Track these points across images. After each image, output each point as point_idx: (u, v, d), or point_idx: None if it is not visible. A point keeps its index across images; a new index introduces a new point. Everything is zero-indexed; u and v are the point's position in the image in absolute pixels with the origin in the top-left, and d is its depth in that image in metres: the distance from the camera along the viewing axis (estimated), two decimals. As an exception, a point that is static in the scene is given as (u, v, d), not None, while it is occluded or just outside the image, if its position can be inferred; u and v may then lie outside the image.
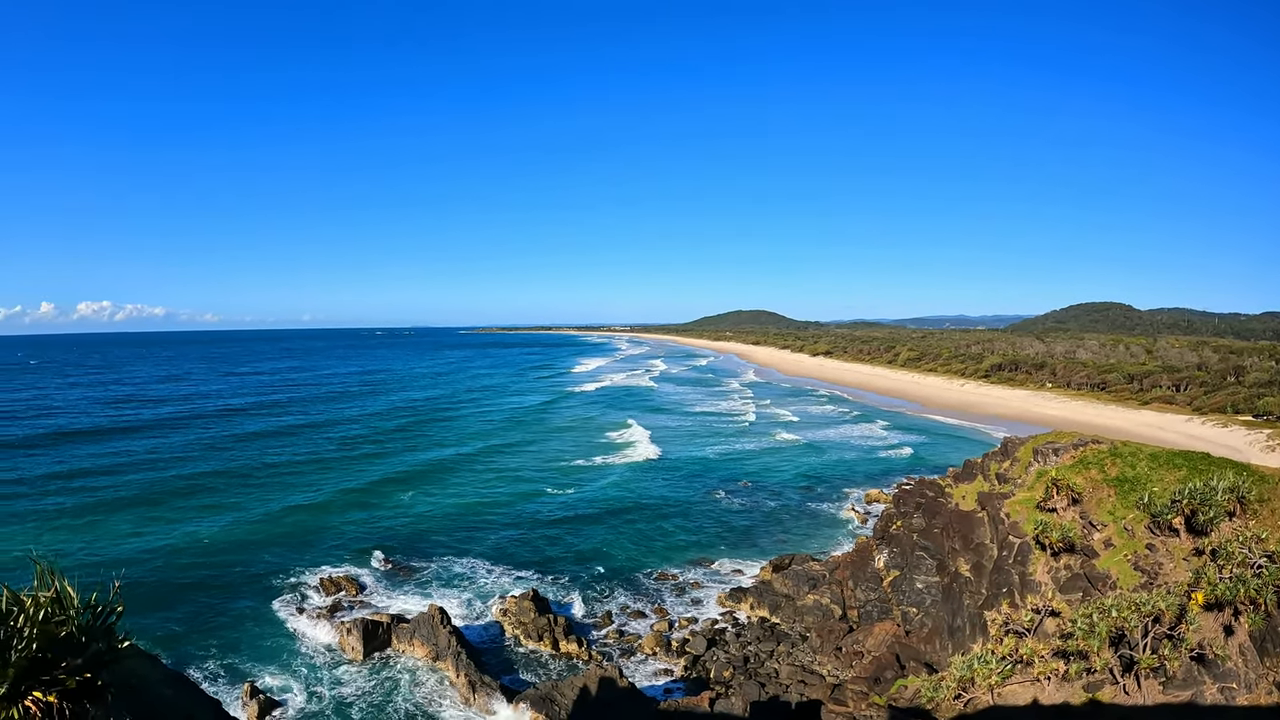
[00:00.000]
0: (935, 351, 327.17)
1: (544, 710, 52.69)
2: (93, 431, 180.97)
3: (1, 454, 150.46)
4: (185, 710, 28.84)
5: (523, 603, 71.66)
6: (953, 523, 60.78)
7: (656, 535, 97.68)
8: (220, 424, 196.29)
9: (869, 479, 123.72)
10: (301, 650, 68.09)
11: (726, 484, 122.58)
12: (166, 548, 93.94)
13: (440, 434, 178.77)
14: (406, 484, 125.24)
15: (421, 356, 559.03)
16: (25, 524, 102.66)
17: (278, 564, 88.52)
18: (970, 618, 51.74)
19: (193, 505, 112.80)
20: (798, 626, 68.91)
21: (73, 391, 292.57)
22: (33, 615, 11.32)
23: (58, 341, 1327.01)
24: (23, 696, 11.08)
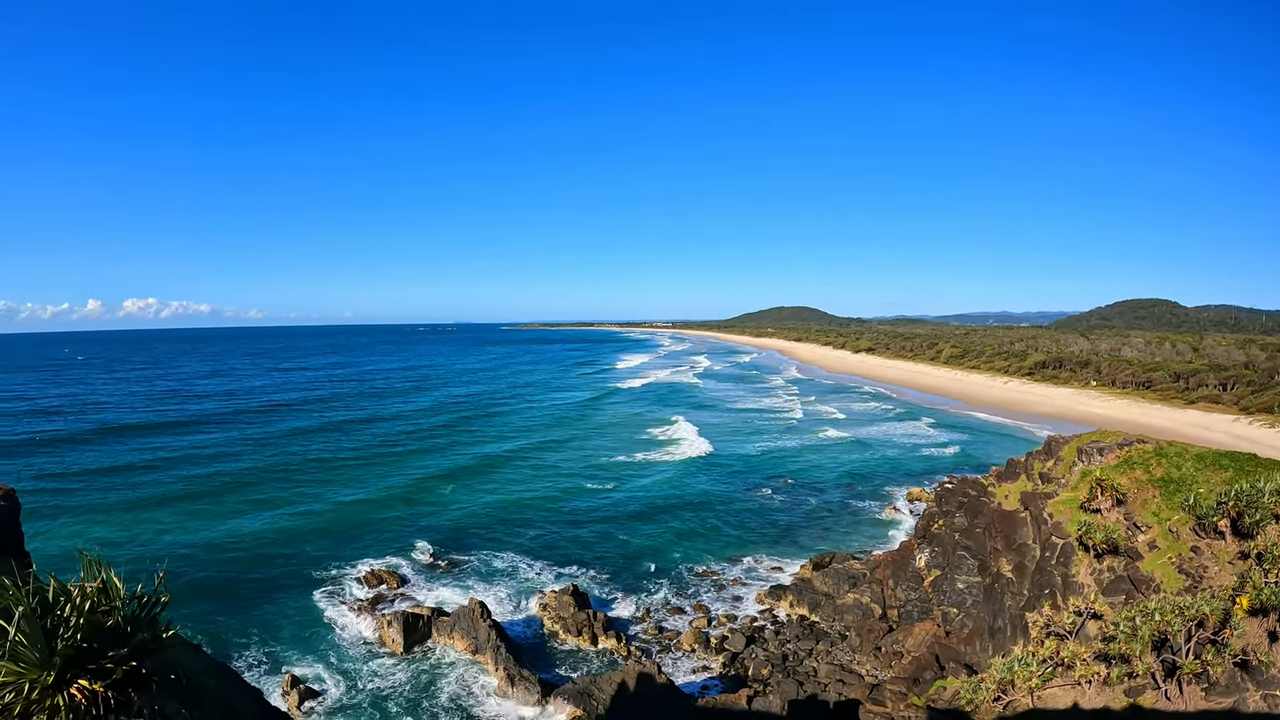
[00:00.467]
0: (978, 348, 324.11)
1: (582, 705, 52.83)
2: (138, 426, 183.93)
3: (50, 449, 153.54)
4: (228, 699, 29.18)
5: (562, 597, 71.86)
6: (995, 522, 60.21)
7: (697, 532, 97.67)
8: (264, 419, 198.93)
9: (911, 477, 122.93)
10: (342, 642, 68.77)
11: (769, 481, 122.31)
12: (210, 540, 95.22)
13: (484, 430, 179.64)
14: (449, 479, 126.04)
15: (465, 352, 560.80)
16: (73, 517, 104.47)
17: (320, 557, 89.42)
18: (1011, 619, 51.30)
19: (236, 500, 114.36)
20: (837, 625, 68.61)
21: (118, 387, 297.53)
22: (79, 605, 11.50)
23: (104, 338, 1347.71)
24: (68, 684, 11.25)
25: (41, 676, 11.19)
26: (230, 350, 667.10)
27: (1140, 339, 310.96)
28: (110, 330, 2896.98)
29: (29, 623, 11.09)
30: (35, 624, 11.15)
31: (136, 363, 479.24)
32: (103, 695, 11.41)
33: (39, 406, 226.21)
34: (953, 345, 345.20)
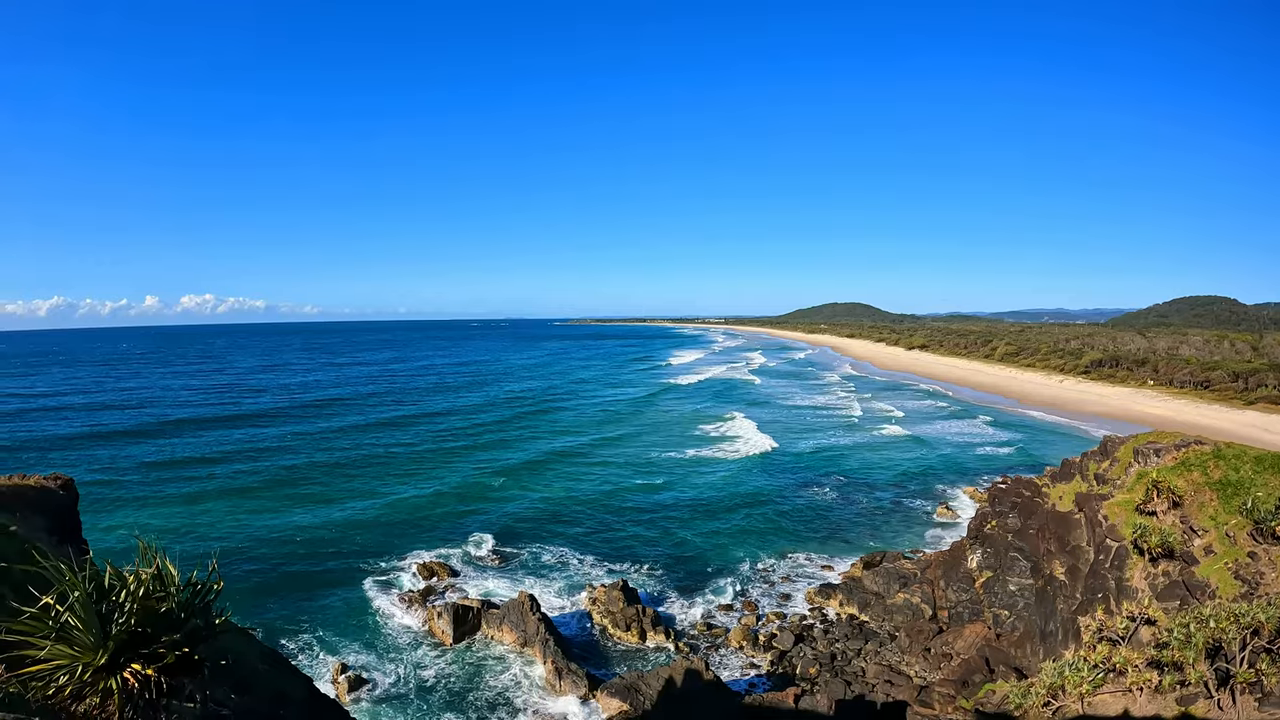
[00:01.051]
0: (1033, 346, 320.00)
1: (628, 700, 52.96)
2: (194, 421, 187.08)
3: (108, 442, 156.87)
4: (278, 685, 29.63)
5: (612, 592, 72.09)
6: (1049, 524, 59.53)
7: (749, 529, 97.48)
8: (318, 414, 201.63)
9: (964, 476, 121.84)
10: (392, 632, 69.57)
11: (822, 478, 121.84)
12: (263, 532, 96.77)
13: (539, 426, 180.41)
14: (502, 474, 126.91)
15: (519, 348, 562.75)
16: (129, 507, 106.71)
17: (371, 549, 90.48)
18: (1063, 623, 50.70)
19: (290, 492, 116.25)
20: (886, 625, 68.22)
21: (175, 381, 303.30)
22: (134, 591, 11.76)
23: (161, 333, 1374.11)
24: (121, 668, 11.51)
25: (95, 659, 11.46)
26: (285, 345, 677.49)
27: (1198, 337, 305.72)
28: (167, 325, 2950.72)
29: (84, 607, 11.36)
30: (90, 608, 11.42)
31: (192, 357, 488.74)
32: (155, 679, 11.65)
33: (98, 400, 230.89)
34: (1007, 343, 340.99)
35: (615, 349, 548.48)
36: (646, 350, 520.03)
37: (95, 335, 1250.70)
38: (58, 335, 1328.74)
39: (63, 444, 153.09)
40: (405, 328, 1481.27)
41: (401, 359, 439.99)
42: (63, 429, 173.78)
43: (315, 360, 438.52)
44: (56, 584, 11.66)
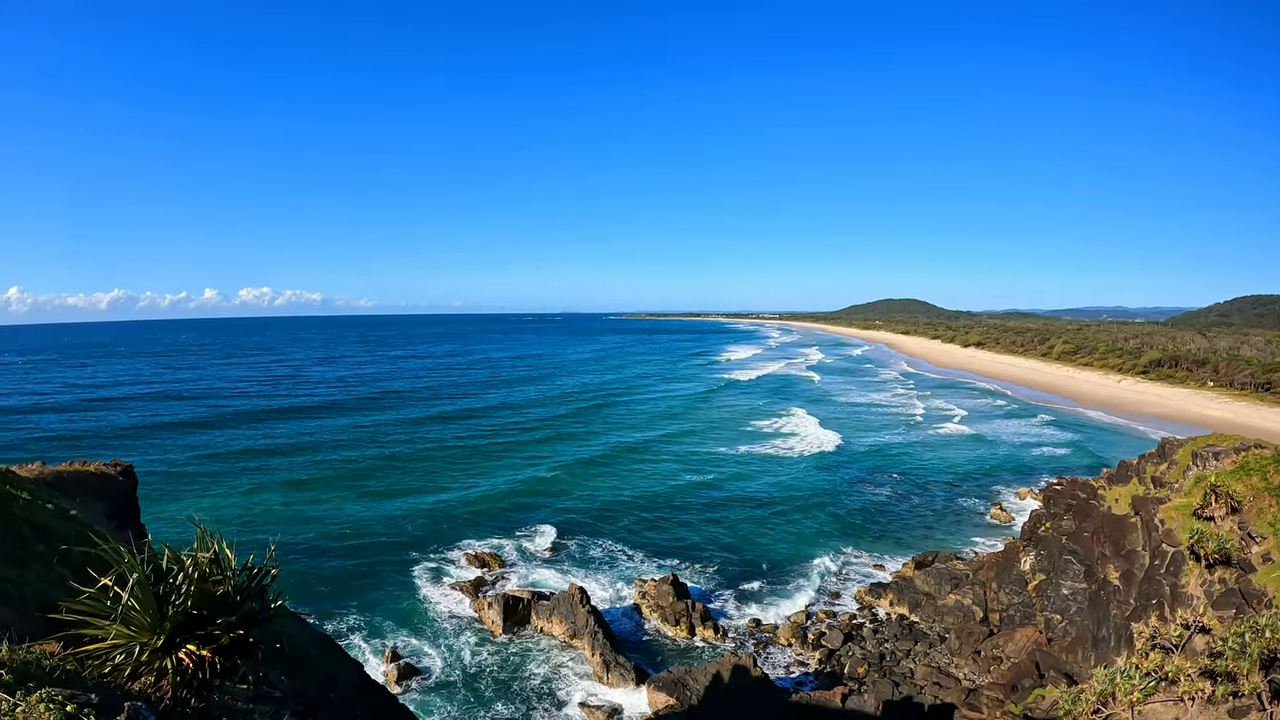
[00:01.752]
0: (1091, 345, 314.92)
1: (675, 694, 53.14)
2: (251, 411, 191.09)
3: (167, 431, 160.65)
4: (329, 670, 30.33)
5: (662, 586, 72.24)
6: (1104, 527, 58.77)
7: (803, 526, 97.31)
8: (374, 406, 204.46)
9: (1019, 476, 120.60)
10: (442, 621, 70.33)
11: (876, 476, 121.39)
12: (318, 520, 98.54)
13: (596, 422, 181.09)
14: (556, 469, 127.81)
15: (575, 342, 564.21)
16: (187, 495, 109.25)
17: (424, 538, 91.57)
18: (1116, 628, 50.05)
19: (346, 483, 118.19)
20: (937, 626, 67.78)
21: (233, 371, 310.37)
22: (191, 574, 12.06)
23: (220, 324, 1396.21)
24: (177, 648, 11.83)
25: (151, 640, 11.80)
26: (342, 337, 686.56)
27: (1260, 337, 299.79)
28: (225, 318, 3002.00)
29: (142, 589, 11.69)
30: (148, 590, 11.75)
31: (251, 348, 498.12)
32: (209, 660, 11.96)
33: (157, 391, 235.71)
34: (1065, 341, 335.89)
35: (671, 343, 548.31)
36: (702, 345, 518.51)
37: (155, 327, 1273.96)
38: (118, 327, 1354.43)
39: (122, 433, 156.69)
40: (460, 321, 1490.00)
41: (457, 352, 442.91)
42: (122, 419, 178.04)
43: (371, 353, 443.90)
44: (115, 566, 12.02)
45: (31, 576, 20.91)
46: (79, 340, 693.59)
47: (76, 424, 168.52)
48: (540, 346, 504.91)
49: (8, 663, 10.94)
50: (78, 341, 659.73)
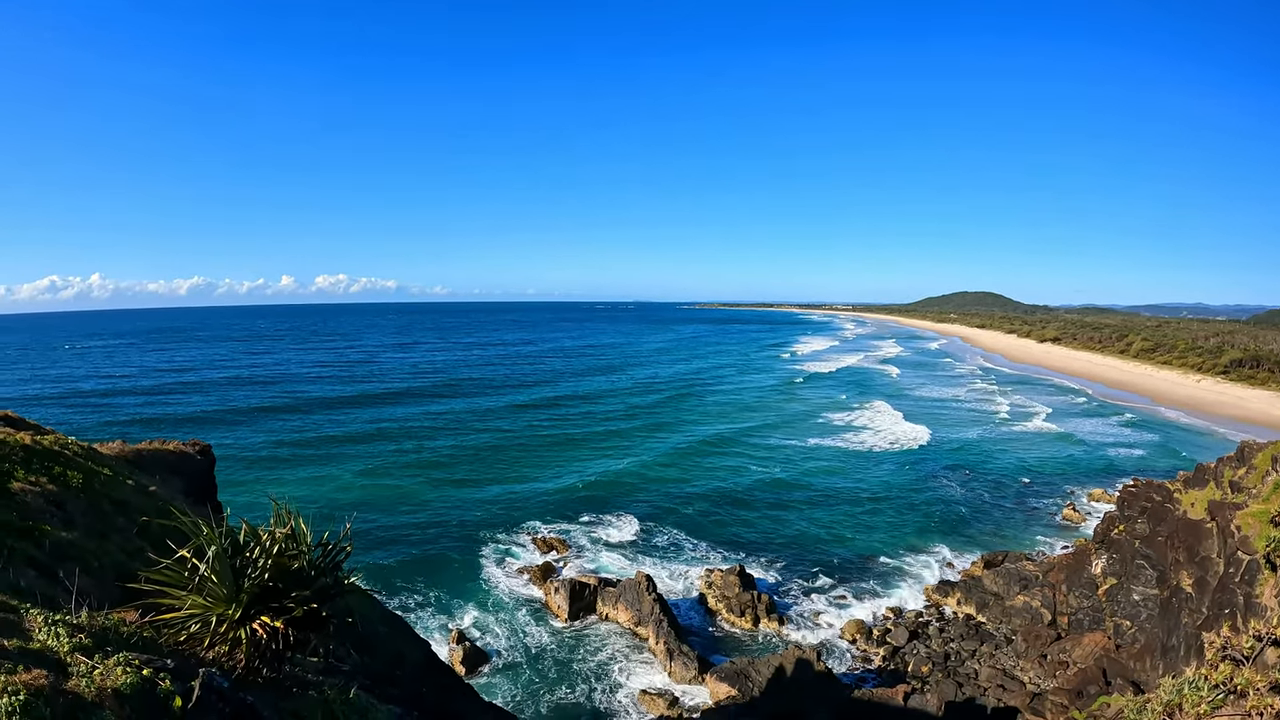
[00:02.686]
0: (1170, 343, 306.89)
1: (737, 685, 53.31)
2: (326, 396, 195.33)
3: (243, 414, 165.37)
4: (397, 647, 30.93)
5: (728, 577, 72.41)
6: (1178, 532, 57.57)
7: (872, 520, 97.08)
8: (447, 392, 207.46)
9: (1093, 477, 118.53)
10: (509, 603, 71.35)
11: (949, 472, 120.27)
12: (391, 501, 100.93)
13: (670, 412, 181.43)
14: (628, 458, 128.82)
15: (649, 332, 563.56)
16: (264, 474, 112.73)
17: (494, 522, 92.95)
18: (1186, 637, 49.10)
19: (419, 467, 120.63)
20: (1003, 628, 67.00)
21: (307, 356, 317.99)
22: (268, 548, 12.52)
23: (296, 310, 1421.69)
24: (252, 619, 12.29)
25: (227, 611, 12.25)
26: (416, 324, 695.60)
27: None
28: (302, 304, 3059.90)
29: (219, 561, 12.15)
30: (225, 563, 12.21)
31: (326, 334, 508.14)
32: (283, 632, 12.38)
33: (235, 375, 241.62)
34: (1143, 338, 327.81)
35: (746, 334, 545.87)
36: (777, 336, 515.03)
37: (232, 313, 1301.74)
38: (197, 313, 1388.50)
39: (200, 416, 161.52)
40: (533, 309, 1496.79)
41: (531, 340, 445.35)
42: (200, 402, 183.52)
43: (445, 340, 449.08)
44: (194, 539, 12.47)
45: (111, 548, 21.63)
46: (159, 325, 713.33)
47: (155, 407, 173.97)
48: (614, 335, 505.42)
49: (87, 628, 11.40)
50: (157, 326, 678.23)
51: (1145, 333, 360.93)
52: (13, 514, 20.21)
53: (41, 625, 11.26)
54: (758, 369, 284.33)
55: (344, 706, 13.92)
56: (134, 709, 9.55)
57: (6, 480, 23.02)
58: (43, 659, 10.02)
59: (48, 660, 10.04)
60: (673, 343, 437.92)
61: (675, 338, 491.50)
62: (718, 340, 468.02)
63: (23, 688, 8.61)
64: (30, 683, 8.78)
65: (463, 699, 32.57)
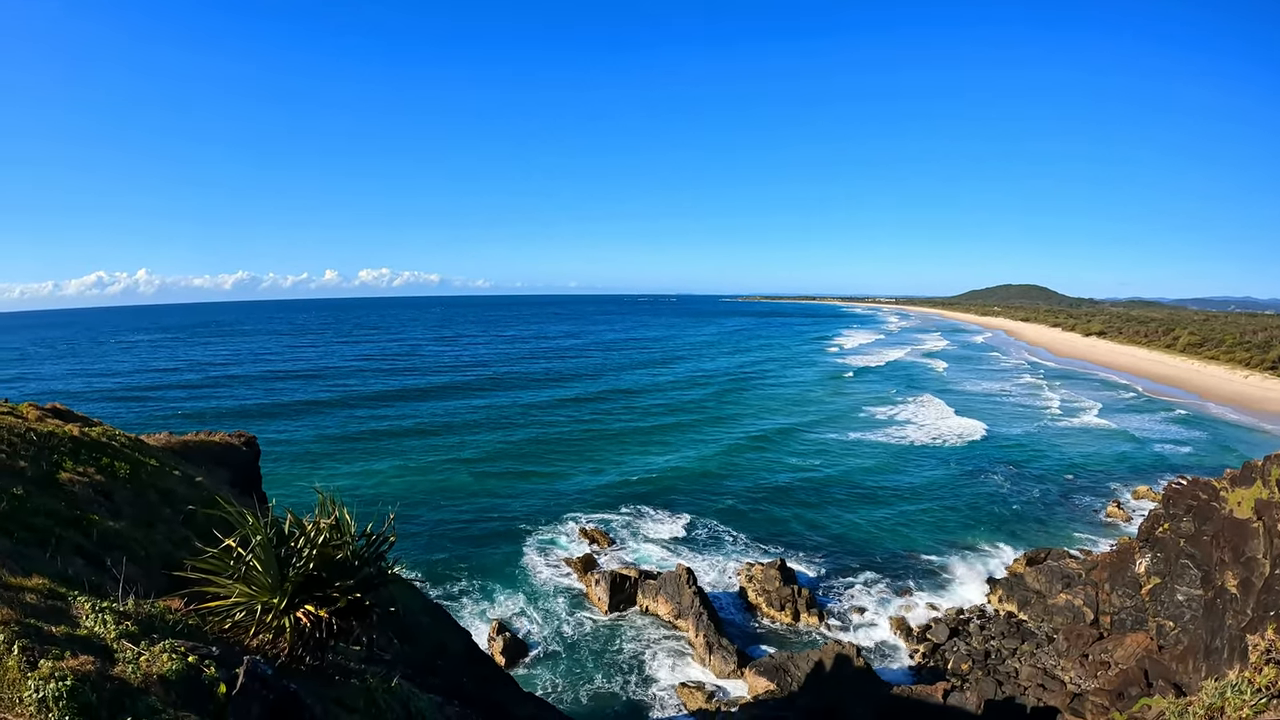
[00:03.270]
0: (1217, 337, 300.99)
1: (776, 680, 53.26)
2: (369, 389, 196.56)
3: (286, 407, 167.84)
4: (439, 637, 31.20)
5: (769, 571, 72.31)
6: (1224, 531, 56.79)
7: (914, 516, 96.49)
8: (490, 385, 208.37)
9: (1138, 474, 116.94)
10: (550, 595, 71.82)
11: (993, 467, 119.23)
12: (433, 493, 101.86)
13: (713, 405, 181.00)
14: (671, 452, 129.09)
15: (694, 325, 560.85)
16: (308, 467, 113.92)
17: (535, 514, 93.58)
18: (1230, 639, 48.50)
19: (461, 459, 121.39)
20: (1045, 626, 66.37)
21: (350, 349, 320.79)
22: (312, 538, 12.75)
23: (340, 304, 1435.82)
24: (296, 608, 12.52)
25: (272, 599, 12.47)
26: (459, 317, 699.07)
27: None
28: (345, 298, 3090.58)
29: (264, 551, 12.40)
30: (270, 552, 12.44)
31: (369, 327, 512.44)
32: (326, 621, 12.61)
33: (279, 369, 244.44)
34: (1190, 333, 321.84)
35: (790, 327, 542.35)
36: (821, 329, 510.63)
37: (277, 307, 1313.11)
38: (241, 307, 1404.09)
39: (245, 410, 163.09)
40: (575, 302, 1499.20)
41: (573, 334, 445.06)
42: (244, 394, 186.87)
43: (487, 333, 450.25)
44: (239, 529, 12.68)
45: (157, 537, 22.02)
46: (203, 320, 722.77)
47: (200, 400, 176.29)
48: (658, 329, 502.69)
49: (133, 615, 11.62)
50: (202, 321, 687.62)
51: (1192, 327, 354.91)
52: (61, 503, 20.62)
53: (89, 612, 11.49)
54: (803, 363, 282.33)
55: (386, 695, 14.09)
56: (179, 695, 9.75)
57: (55, 471, 23.47)
58: (90, 645, 10.24)
59: (94, 646, 10.26)
60: (716, 336, 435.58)
61: (719, 331, 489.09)
62: (762, 333, 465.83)
63: (70, 673, 8.80)
64: (77, 668, 8.98)
65: (503, 689, 32.86)
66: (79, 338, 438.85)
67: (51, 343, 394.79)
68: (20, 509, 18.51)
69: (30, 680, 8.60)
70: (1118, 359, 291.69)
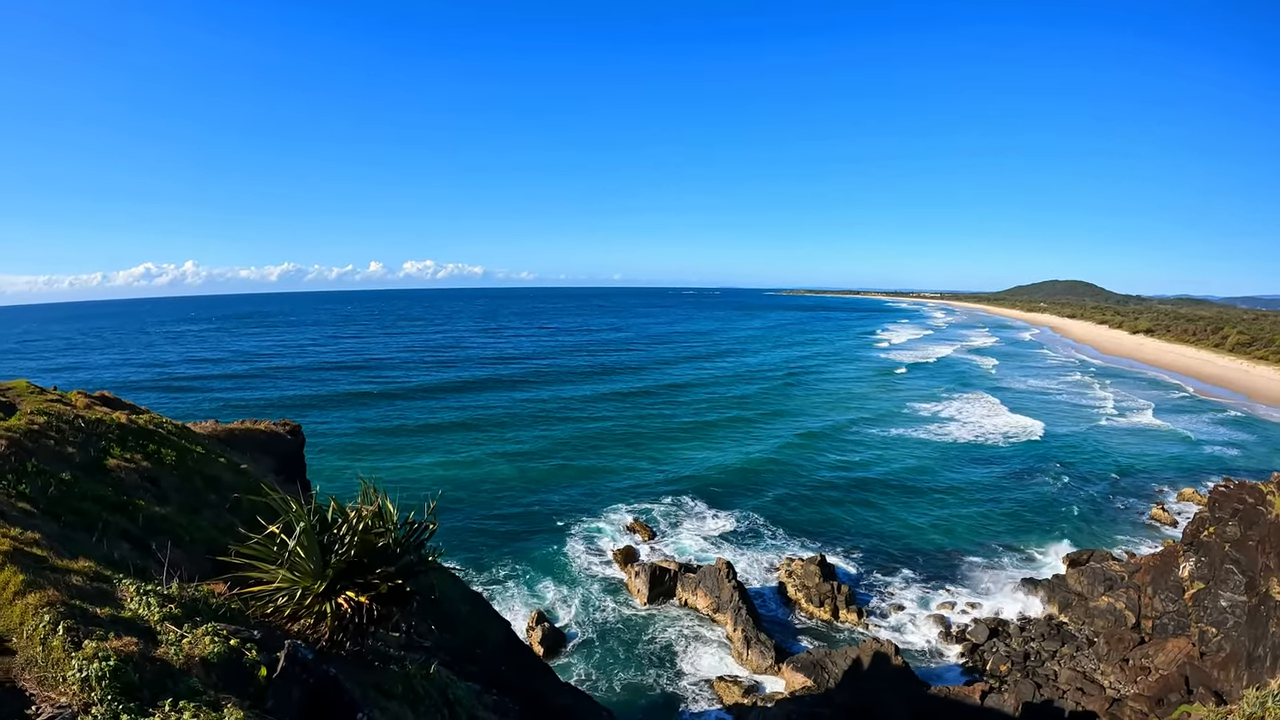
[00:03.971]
0: (1267, 337, 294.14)
1: (813, 676, 53.17)
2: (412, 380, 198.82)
3: (330, 396, 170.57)
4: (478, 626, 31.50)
5: (809, 566, 72.17)
6: (1270, 536, 55.88)
7: (958, 514, 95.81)
8: (533, 378, 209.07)
9: (1184, 475, 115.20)
10: (590, 586, 72.39)
11: (1037, 466, 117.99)
12: (474, 483, 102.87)
13: (758, 400, 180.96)
14: (714, 447, 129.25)
15: (739, 319, 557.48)
16: (351, 456, 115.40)
17: (577, 507, 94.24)
18: (1274, 647, 47.75)
19: (503, 450, 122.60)
20: (1086, 629, 65.62)
21: (393, 341, 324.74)
22: (355, 526, 12.93)
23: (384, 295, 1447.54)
24: (337, 594, 12.73)
25: (314, 585, 12.66)
26: (502, 309, 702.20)
27: None
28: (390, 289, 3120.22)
29: (307, 538, 12.59)
30: (313, 539, 12.64)
31: (413, 319, 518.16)
32: (367, 607, 12.80)
33: (324, 361, 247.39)
34: (1239, 331, 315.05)
35: (836, 321, 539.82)
36: (867, 325, 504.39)
37: (322, 298, 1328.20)
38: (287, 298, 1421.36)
39: (288, 398, 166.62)
40: (619, 294, 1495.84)
41: (618, 327, 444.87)
42: (289, 384, 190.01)
43: (530, 325, 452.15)
44: (283, 515, 12.87)
45: (202, 522, 22.39)
46: (249, 310, 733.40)
47: (245, 390, 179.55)
48: (703, 322, 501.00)
49: (177, 598, 11.86)
50: (248, 311, 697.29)
51: (1241, 326, 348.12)
52: (108, 489, 21.02)
53: (133, 595, 11.74)
54: (850, 358, 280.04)
55: (424, 681, 14.27)
56: (220, 677, 9.94)
57: (103, 457, 23.92)
58: (133, 627, 10.46)
59: (138, 628, 10.48)
60: (762, 330, 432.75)
61: (764, 325, 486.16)
62: (809, 328, 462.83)
63: (113, 653, 9.01)
64: (121, 649, 9.18)
65: (541, 678, 33.11)
66: (127, 328, 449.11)
67: (100, 332, 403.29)
68: (68, 494, 18.92)
69: (74, 660, 8.82)
70: (1165, 357, 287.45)
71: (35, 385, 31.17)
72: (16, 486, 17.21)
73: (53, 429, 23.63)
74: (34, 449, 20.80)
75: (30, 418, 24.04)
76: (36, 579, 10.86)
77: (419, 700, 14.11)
